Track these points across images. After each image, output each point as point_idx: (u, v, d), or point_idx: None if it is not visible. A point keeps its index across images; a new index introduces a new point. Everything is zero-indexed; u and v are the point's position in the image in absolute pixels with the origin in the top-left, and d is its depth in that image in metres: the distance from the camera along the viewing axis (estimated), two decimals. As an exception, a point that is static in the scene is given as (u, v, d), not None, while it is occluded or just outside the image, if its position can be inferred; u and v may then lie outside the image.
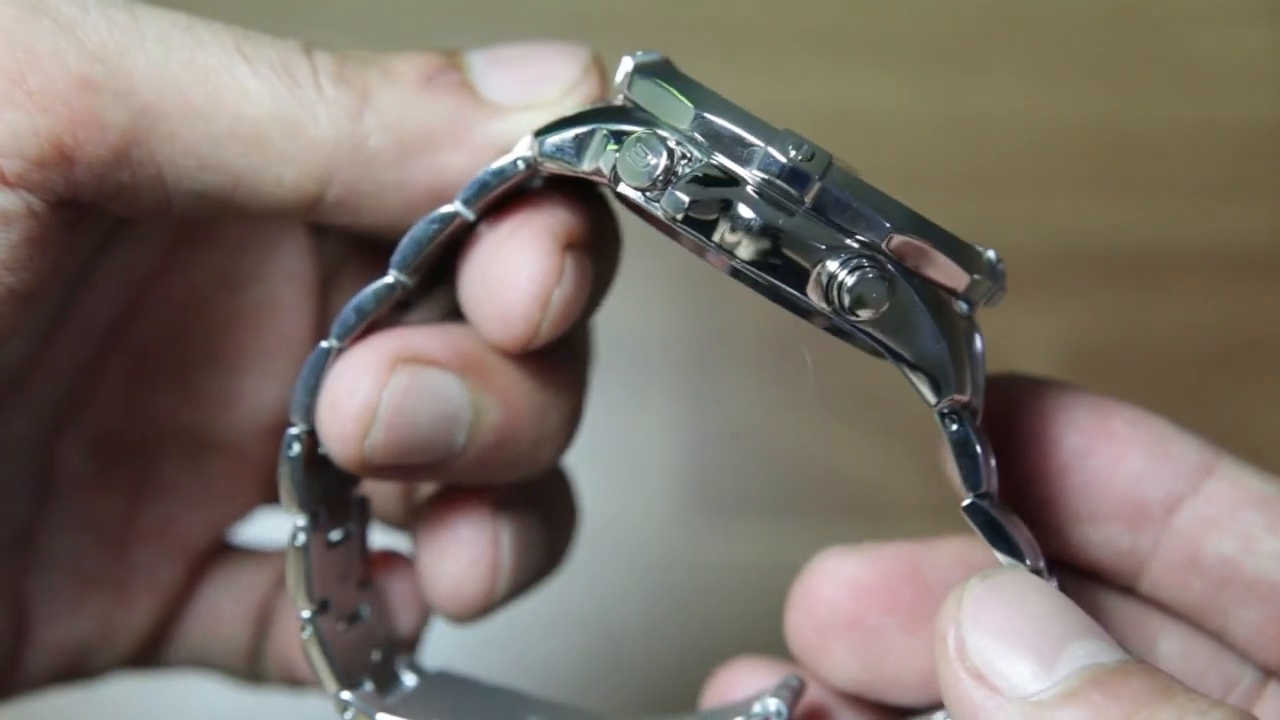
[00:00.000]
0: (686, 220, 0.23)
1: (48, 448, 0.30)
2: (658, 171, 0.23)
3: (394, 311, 0.27)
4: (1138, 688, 0.22)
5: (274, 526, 0.31)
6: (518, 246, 0.26)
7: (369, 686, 0.29)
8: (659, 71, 0.24)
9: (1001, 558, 0.25)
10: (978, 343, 0.25)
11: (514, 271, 0.26)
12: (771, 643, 0.32)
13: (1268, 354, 0.57)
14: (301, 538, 0.28)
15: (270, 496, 0.32)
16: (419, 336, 0.27)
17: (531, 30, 0.60)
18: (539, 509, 0.30)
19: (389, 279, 0.26)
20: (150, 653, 0.32)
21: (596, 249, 0.27)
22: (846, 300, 0.23)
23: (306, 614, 0.28)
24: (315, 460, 0.28)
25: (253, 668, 0.33)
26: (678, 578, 0.52)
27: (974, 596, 0.23)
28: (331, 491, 0.29)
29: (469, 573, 0.29)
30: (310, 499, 0.28)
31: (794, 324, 0.25)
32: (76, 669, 0.31)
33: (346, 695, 0.29)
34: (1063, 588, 0.24)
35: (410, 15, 0.59)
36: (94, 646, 0.31)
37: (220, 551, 0.33)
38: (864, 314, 0.23)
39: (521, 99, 0.26)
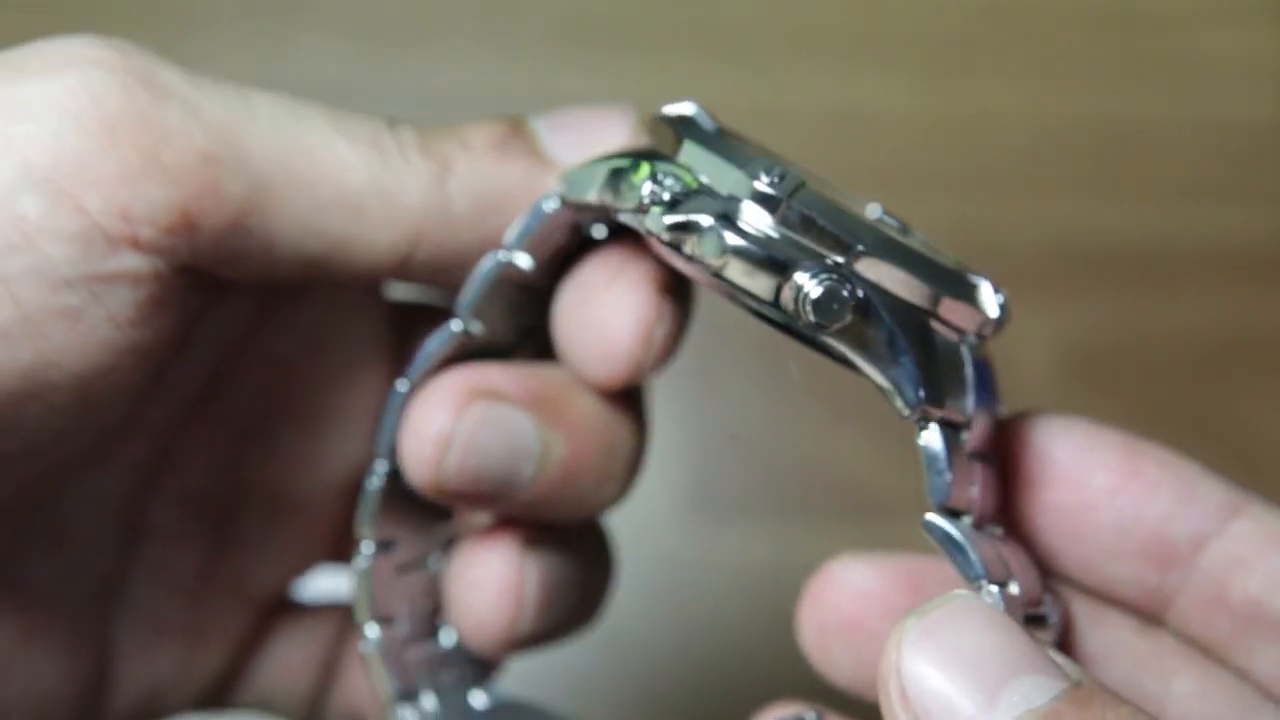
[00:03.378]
0: (669, 239, 0.25)
1: (137, 503, 0.32)
2: (644, 196, 0.26)
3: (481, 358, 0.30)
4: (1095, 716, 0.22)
5: (340, 583, 0.34)
6: (622, 290, 0.29)
7: (430, 704, 0.32)
8: (674, 121, 0.28)
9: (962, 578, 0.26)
10: (961, 354, 0.26)
11: (620, 313, 0.29)
12: (771, 642, 0.32)
13: (1268, 354, 0.57)
14: (365, 562, 0.31)
15: (337, 553, 0.34)
16: (495, 373, 0.30)
17: (531, 30, 0.60)
18: (572, 554, 0.32)
19: (452, 323, 0.29)
20: (218, 695, 0.34)
21: (682, 291, 0.30)
22: (809, 311, 0.25)
23: (367, 630, 0.31)
24: (401, 493, 0.30)
25: (316, 712, 0.35)
26: (678, 578, 0.52)
27: (910, 640, 0.23)
28: (415, 523, 0.32)
29: (493, 606, 0.31)
30: (386, 527, 0.31)
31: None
32: (150, 710, 0.33)
33: (402, 710, 0.31)
34: (1086, 619, 0.25)
35: (410, 15, 0.59)
36: (168, 689, 0.33)
37: (288, 604, 0.35)
38: (827, 324, 0.25)
39: (584, 158, 0.29)
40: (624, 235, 0.29)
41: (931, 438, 0.25)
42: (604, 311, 0.29)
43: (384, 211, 0.28)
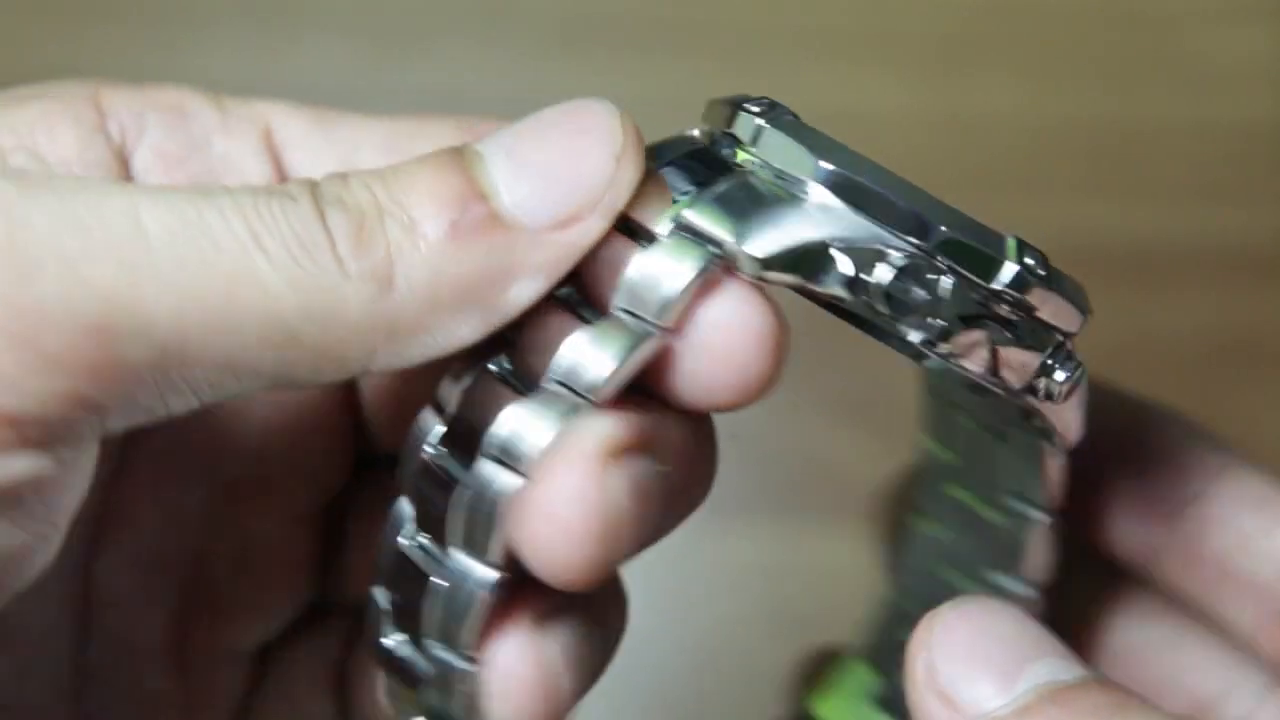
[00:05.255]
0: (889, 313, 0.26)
1: (87, 574, 0.29)
2: (873, 283, 0.27)
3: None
4: (1093, 701, 0.24)
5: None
6: (741, 306, 0.25)
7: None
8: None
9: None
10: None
11: (751, 328, 0.25)
12: (772, 642, 0.32)
13: (1268, 354, 0.57)
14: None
15: (320, 587, 0.32)
16: (612, 424, 0.24)
17: (531, 30, 0.60)
18: (591, 613, 0.29)
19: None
20: None
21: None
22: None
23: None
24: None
25: None
26: (678, 578, 0.52)
27: (944, 623, 0.25)
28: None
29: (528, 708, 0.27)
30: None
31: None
32: None
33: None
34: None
35: (410, 15, 0.59)
36: None
37: (280, 639, 0.32)
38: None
39: (554, 217, 0.25)
40: None
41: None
42: (731, 331, 0.25)
43: (322, 338, 0.23)
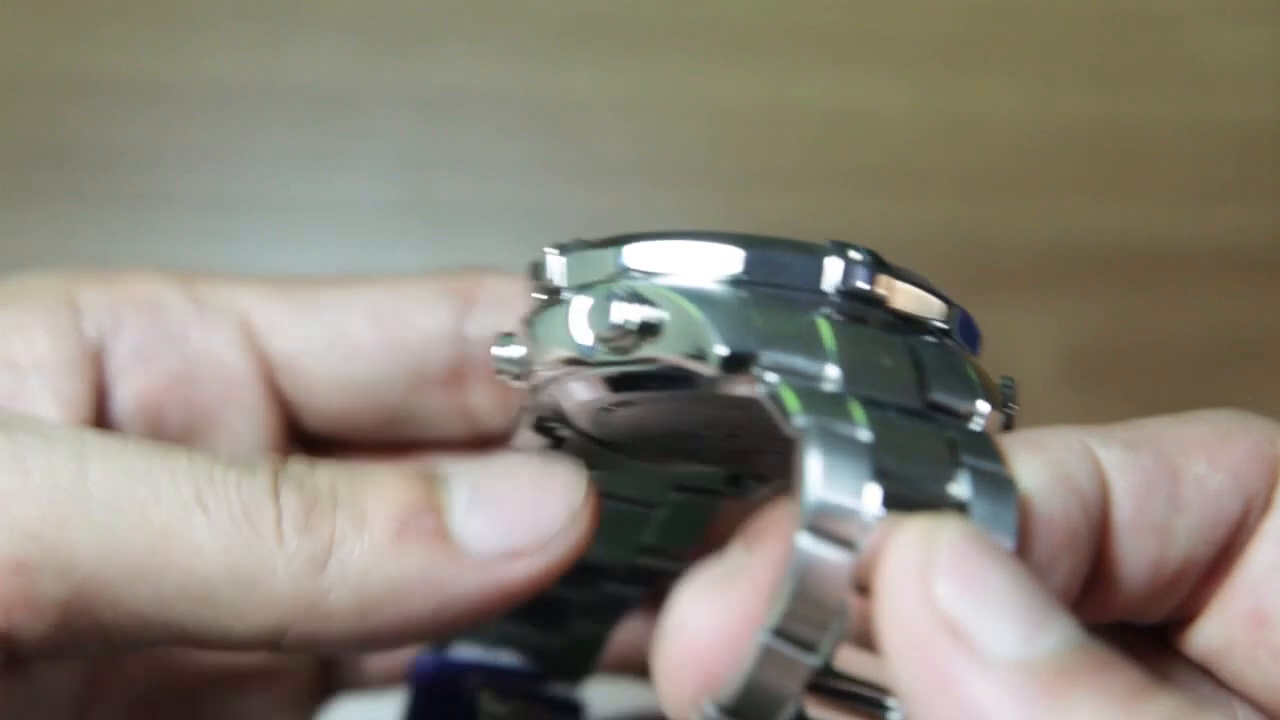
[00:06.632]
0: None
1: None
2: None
3: None
4: (1131, 677, 0.19)
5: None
6: None
7: None
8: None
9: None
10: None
11: None
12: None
13: (1268, 354, 0.57)
14: None
15: (321, 690, 0.33)
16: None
17: (531, 30, 0.60)
18: None
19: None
20: None
21: None
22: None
23: None
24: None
25: None
26: (678, 578, 0.52)
27: (950, 542, 0.19)
28: None
29: None
30: None
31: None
32: None
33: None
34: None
35: (410, 15, 0.59)
36: None
37: None
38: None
39: (500, 549, 0.25)
40: None
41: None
42: None
43: (240, 601, 0.23)
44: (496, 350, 0.24)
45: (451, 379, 0.31)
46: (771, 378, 0.21)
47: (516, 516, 0.25)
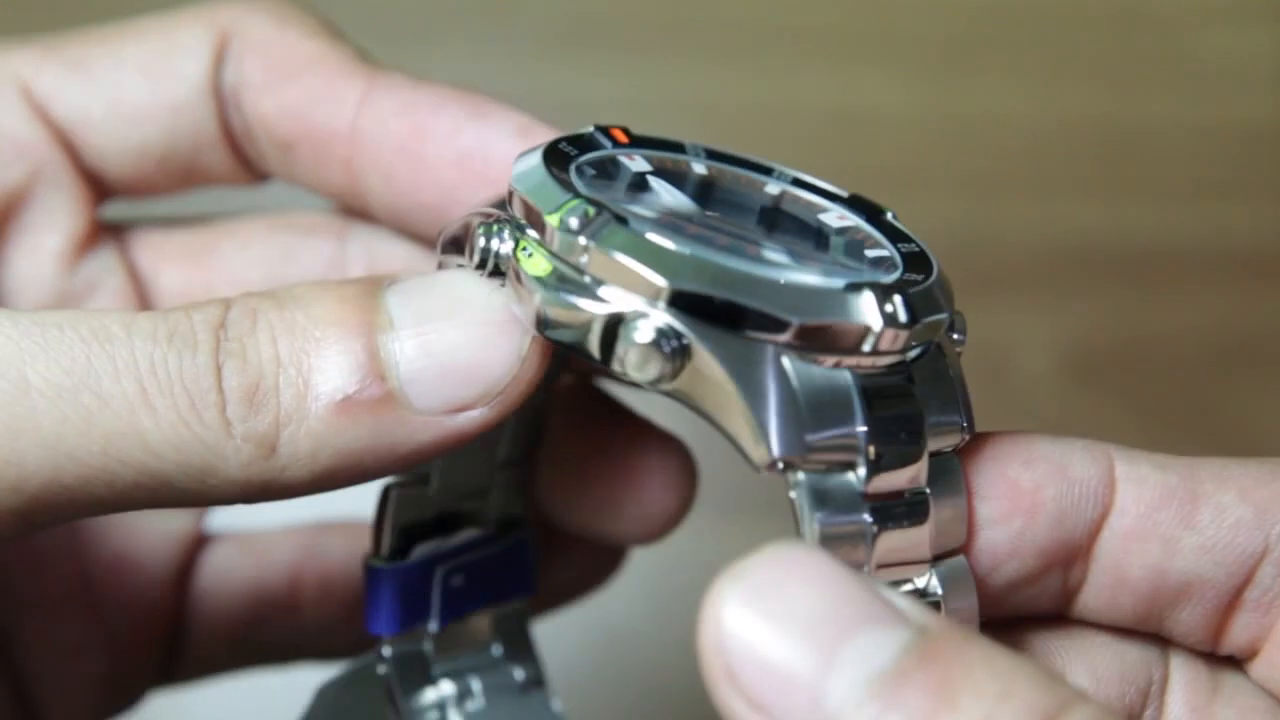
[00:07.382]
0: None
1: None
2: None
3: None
4: (918, 698, 0.19)
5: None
6: None
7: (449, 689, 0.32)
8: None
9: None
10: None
11: None
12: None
13: (1268, 354, 0.57)
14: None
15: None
16: None
17: (531, 30, 0.60)
18: None
19: None
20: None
21: None
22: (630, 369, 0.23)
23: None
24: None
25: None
26: (678, 577, 0.52)
27: (730, 610, 0.20)
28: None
29: None
30: None
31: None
32: None
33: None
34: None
35: (410, 15, 0.59)
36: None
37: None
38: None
39: (445, 405, 0.24)
40: None
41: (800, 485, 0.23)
42: None
43: (196, 487, 0.24)
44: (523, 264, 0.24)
45: (229, 131, 0.32)
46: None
47: (463, 370, 0.24)
